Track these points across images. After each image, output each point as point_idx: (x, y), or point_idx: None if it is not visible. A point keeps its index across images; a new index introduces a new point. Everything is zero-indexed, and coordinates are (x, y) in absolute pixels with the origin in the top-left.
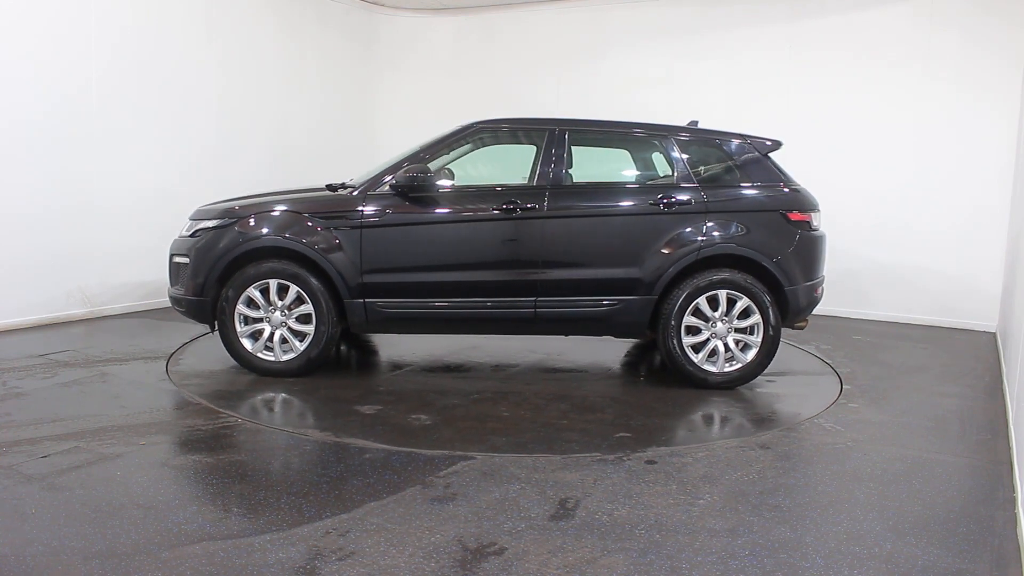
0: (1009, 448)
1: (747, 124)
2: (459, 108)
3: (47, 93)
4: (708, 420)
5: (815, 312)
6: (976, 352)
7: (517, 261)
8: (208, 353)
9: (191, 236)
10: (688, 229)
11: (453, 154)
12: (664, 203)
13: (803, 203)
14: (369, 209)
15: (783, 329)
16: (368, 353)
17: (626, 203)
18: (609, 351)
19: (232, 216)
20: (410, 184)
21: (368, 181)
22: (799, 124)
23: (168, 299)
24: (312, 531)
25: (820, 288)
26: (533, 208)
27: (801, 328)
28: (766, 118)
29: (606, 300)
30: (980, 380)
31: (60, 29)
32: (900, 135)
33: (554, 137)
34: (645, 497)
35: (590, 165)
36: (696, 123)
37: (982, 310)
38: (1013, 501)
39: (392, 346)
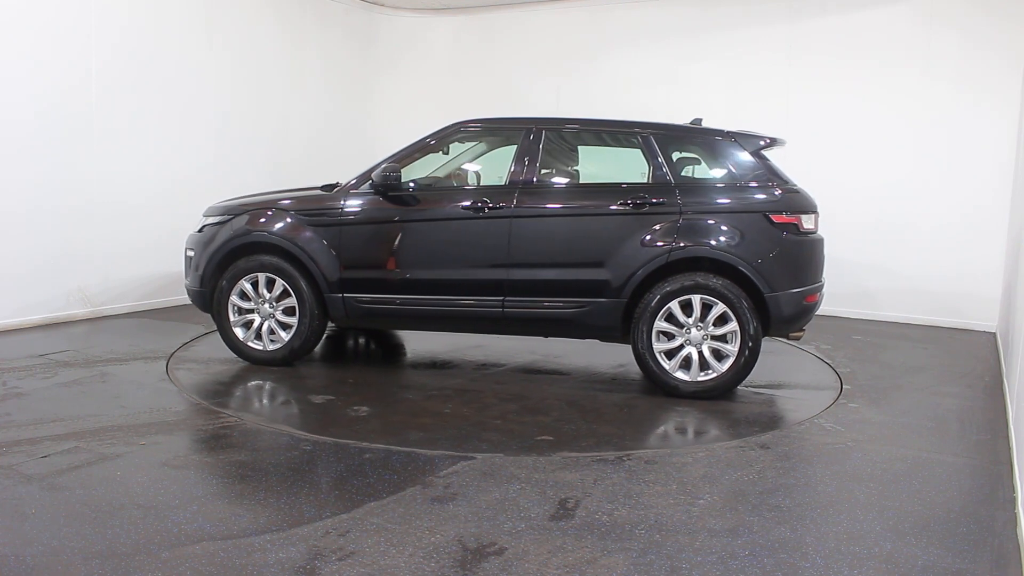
0: (1009, 448)
1: (747, 124)
2: (459, 108)
3: (47, 92)
4: (654, 427)
5: (816, 312)
6: (976, 352)
7: (485, 260)
8: (208, 353)
9: (199, 231)
10: (659, 230)
11: (467, 154)
12: (634, 203)
13: (789, 204)
14: (349, 207)
15: (782, 337)
16: (383, 347)
17: (595, 203)
18: (614, 355)
19: (229, 213)
20: (384, 183)
21: (351, 181)
22: (799, 124)
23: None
24: (312, 531)
25: (816, 295)
26: (502, 207)
27: (796, 339)
28: (766, 118)
29: (573, 302)
30: (980, 380)
31: (60, 29)
32: (900, 135)
33: (529, 136)
34: (645, 497)
35: (571, 164)
36: (700, 121)
37: (982, 310)
38: (1013, 501)
39: (406, 341)
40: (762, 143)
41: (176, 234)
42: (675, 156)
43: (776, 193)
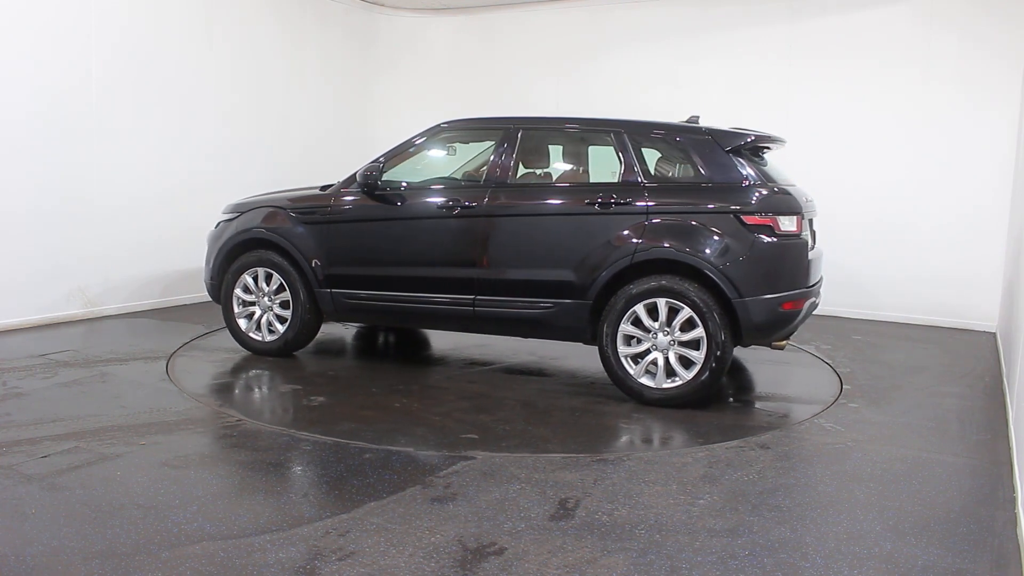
0: (1009, 448)
1: (747, 124)
2: (459, 108)
3: (47, 92)
4: (592, 433)
5: (816, 312)
6: (976, 352)
7: (457, 259)
8: (208, 353)
9: (215, 227)
10: (625, 231)
11: (485, 154)
12: (601, 203)
13: (765, 205)
14: (336, 206)
15: (764, 346)
16: (407, 344)
17: (562, 202)
18: None
19: (238, 210)
20: (365, 182)
21: (341, 180)
22: (798, 124)
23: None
24: (312, 531)
25: (797, 302)
26: (472, 206)
27: (779, 348)
28: (766, 118)
29: (540, 302)
30: (980, 380)
31: (60, 29)
32: (900, 134)
33: (507, 135)
34: (645, 497)
35: (546, 163)
36: (697, 118)
37: (982, 310)
38: (1013, 501)
39: (430, 338)
40: (743, 141)
41: (176, 234)
42: (647, 154)
43: (751, 193)
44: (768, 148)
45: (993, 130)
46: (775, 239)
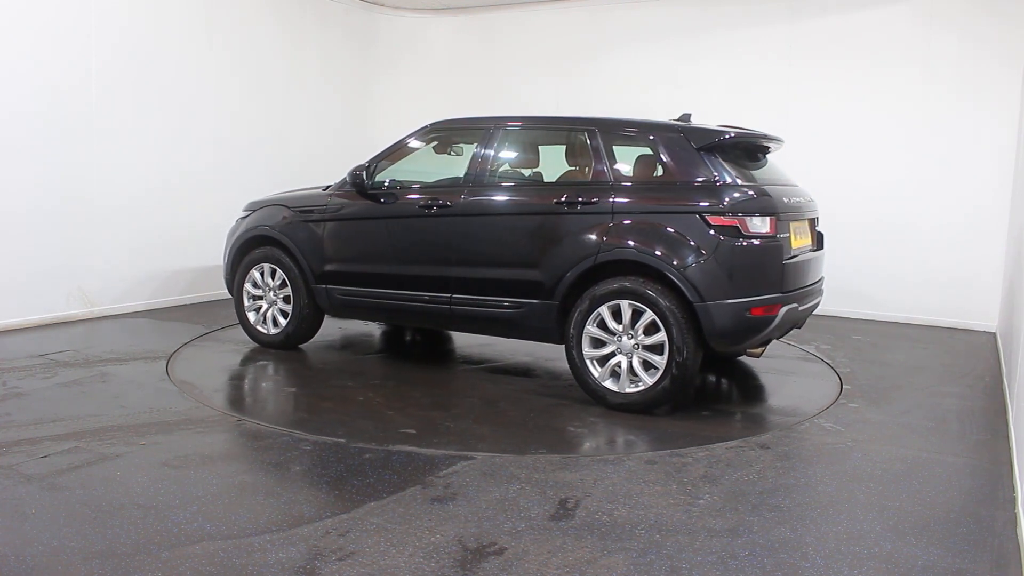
0: (1009, 448)
1: (747, 123)
2: (459, 108)
3: (46, 92)
4: (538, 434)
5: (816, 312)
6: (976, 352)
7: (434, 257)
8: (208, 353)
9: (234, 224)
10: (590, 231)
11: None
12: (568, 202)
13: (733, 205)
14: (330, 205)
15: (740, 353)
16: (424, 341)
17: (530, 202)
18: None
19: (251, 208)
20: (353, 182)
21: (338, 181)
22: (798, 124)
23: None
24: (312, 531)
25: (770, 308)
26: (448, 206)
27: (755, 356)
28: (766, 118)
29: (511, 302)
30: (980, 380)
31: (60, 29)
32: (900, 134)
33: (486, 135)
34: (645, 497)
35: (523, 163)
36: (688, 116)
37: (982, 310)
38: (1013, 501)
39: (449, 336)
40: (717, 139)
41: (176, 234)
42: (619, 153)
43: (720, 193)
44: (765, 148)
45: (993, 130)
46: (743, 241)
